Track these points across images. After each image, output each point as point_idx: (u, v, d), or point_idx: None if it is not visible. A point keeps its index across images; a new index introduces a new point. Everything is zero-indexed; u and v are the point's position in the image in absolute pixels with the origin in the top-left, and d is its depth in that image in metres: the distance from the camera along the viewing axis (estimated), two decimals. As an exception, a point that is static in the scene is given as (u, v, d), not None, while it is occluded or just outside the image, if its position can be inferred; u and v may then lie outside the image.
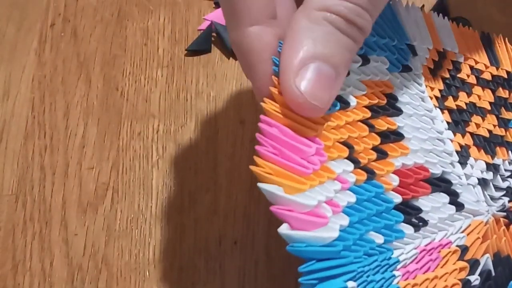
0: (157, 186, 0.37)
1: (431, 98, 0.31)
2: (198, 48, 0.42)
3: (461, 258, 0.27)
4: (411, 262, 0.25)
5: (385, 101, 0.28)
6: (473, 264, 0.27)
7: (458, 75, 0.33)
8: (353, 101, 0.26)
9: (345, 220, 0.23)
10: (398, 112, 0.28)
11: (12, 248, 0.35)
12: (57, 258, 0.35)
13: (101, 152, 0.39)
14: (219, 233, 0.36)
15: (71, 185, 0.37)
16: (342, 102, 0.26)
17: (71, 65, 0.42)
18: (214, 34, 0.43)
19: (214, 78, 0.41)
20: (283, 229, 0.22)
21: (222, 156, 0.38)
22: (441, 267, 0.26)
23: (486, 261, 0.27)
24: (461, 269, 0.26)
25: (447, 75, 0.32)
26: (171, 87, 0.41)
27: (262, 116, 0.24)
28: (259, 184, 0.22)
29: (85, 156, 0.38)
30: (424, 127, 0.29)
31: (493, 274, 0.27)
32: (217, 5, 0.44)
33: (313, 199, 0.22)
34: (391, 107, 0.28)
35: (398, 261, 0.25)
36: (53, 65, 0.42)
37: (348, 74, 0.26)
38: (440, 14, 0.34)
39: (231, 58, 0.42)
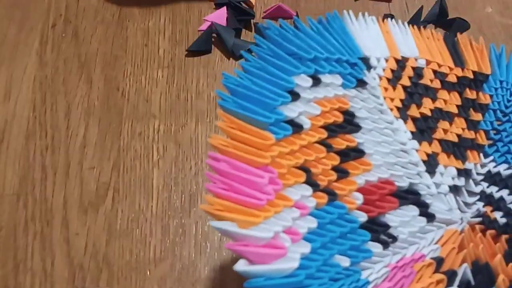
0: (158, 186, 0.37)
1: (391, 109, 0.30)
2: (199, 49, 0.43)
3: (437, 270, 0.26)
4: (383, 281, 0.25)
5: (341, 119, 0.27)
6: (451, 275, 0.26)
7: (421, 81, 0.32)
8: (306, 124, 0.25)
9: (306, 248, 0.23)
10: (357, 128, 0.28)
11: (13, 248, 0.35)
12: (58, 257, 0.35)
13: (102, 152, 0.39)
14: (219, 233, 0.36)
15: (72, 185, 0.38)
16: (294, 126, 0.25)
17: (72, 65, 0.42)
18: (214, 34, 0.43)
19: (214, 79, 0.42)
20: (240, 266, 0.21)
21: (223, 156, 0.38)
22: (417, 282, 0.25)
23: (464, 270, 0.26)
24: (438, 282, 0.26)
25: (408, 83, 0.31)
26: (172, 88, 0.41)
27: (209, 153, 0.24)
28: (211, 223, 0.22)
29: (86, 156, 0.39)
30: (386, 140, 0.29)
31: (473, 283, 0.26)
32: (217, 6, 0.44)
33: (269, 230, 0.22)
34: (349, 124, 0.28)
35: (368, 282, 0.24)
36: (54, 66, 0.42)
37: (299, 96, 0.26)
38: (399, 21, 0.34)
39: (231, 59, 0.42)
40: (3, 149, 0.39)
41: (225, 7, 0.44)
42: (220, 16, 0.44)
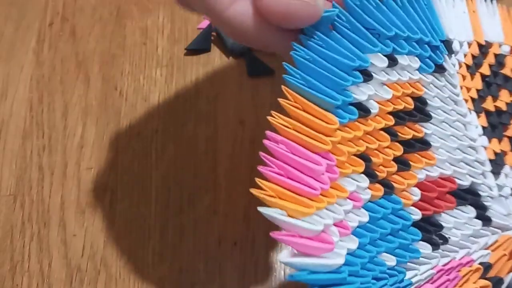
0: (156, 186, 0.37)
1: (466, 100, 0.28)
2: (198, 47, 0.42)
3: (483, 276, 0.25)
4: (425, 282, 0.24)
5: (412, 106, 0.25)
6: (496, 282, 0.25)
7: (501, 71, 0.29)
8: (374, 108, 0.23)
9: (354, 243, 0.22)
10: (427, 118, 0.25)
11: (10, 249, 0.35)
12: (55, 259, 0.35)
13: (100, 152, 0.38)
14: (218, 234, 0.35)
15: (69, 185, 0.37)
16: (361, 110, 0.23)
17: (69, 64, 0.42)
18: (213, 33, 0.43)
19: (214, 78, 0.41)
20: (284, 257, 0.20)
21: (222, 156, 0.38)
22: (460, 287, 0.24)
23: (511, 279, 0.25)
24: None
25: (488, 72, 0.28)
26: (171, 87, 0.41)
27: (268, 132, 0.21)
28: (259, 208, 0.20)
29: (83, 156, 0.38)
30: (456, 134, 0.27)
31: None
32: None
33: (319, 223, 0.20)
34: (419, 113, 0.25)
35: (411, 283, 0.23)
36: (51, 65, 0.42)
37: (371, 78, 0.24)
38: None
39: (231, 58, 0.42)
40: (-1, 149, 0.39)
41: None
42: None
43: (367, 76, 0.23)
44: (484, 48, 0.29)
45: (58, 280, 0.34)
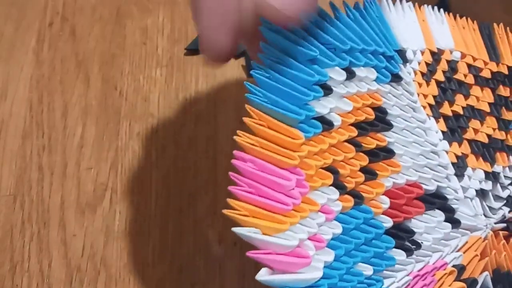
0: (156, 186, 0.37)
1: (424, 107, 0.29)
2: (198, 47, 0.42)
3: (457, 278, 0.25)
4: None
5: (373, 116, 0.25)
6: (471, 283, 0.25)
7: (455, 76, 0.30)
8: (337, 121, 0.24)
9: (330, 255, 0.22)
10: (388, 126, 0.26)
11: (10, 249, 0.35)
12: (55, 259, 0.35)
13: (99, 152, 0.38)
14: (218, 234, 0.35)
15: (69, 185, 0.37)
16: (324, 123, 0.23)
17: (69, 64, 0.42)
18: (213, 33, 0.43)
19: (214, 78, 0.41)
20: (262, 275, 0.20)
21: (222, 156, 0.38)
22: None
23: (484, 279, 0.26)
24: None
25: (442, 78, 0.29)
26: (171, 87, 0.41)
27: (235, 152, 0.22)
28: (233, 229, 0.21)
29: (83, 156, 0.38)
30: (417, 140, 0.27)
31: None
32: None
33: (294, 238, 0.21)
34: (380, 122, 0.26)
35: None
36: (51, 65, 0.42)
37: (331, 91, 0.24)
38: (435, 8, 0.32)
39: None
40: (-1, 149, 0.39)
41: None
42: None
43: (327, 90, 0.24)
44: (436, 55, 0.30)
45: (58, 280, 0.34)
